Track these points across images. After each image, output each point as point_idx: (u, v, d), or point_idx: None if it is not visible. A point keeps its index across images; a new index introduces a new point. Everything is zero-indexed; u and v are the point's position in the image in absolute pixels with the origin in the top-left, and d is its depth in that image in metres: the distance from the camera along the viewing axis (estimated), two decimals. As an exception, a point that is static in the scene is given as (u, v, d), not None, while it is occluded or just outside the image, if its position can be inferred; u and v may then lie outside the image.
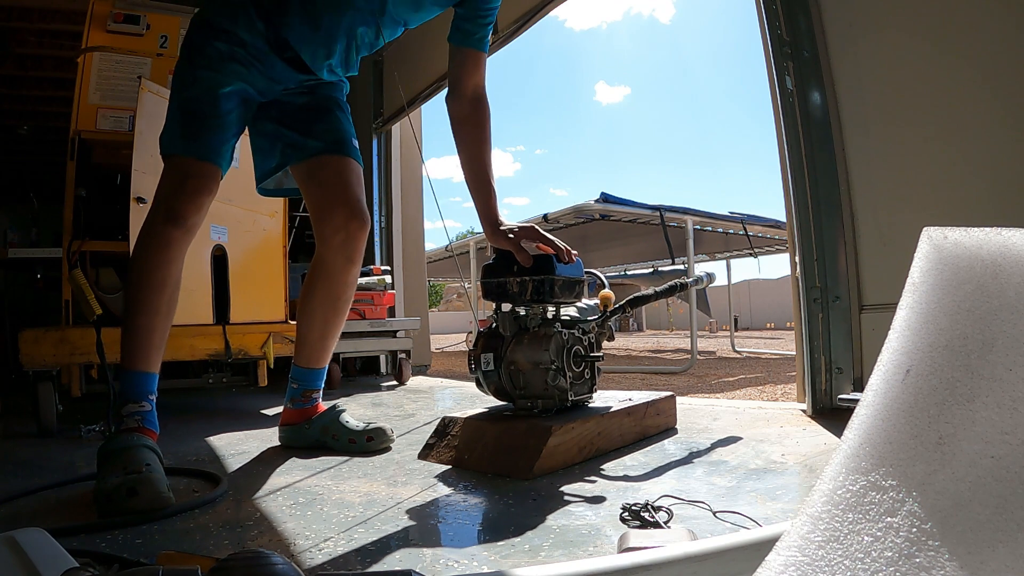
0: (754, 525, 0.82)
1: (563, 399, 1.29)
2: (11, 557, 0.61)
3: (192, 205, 1.25)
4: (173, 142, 1.28)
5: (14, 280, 4.44)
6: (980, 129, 1.40)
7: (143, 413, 1.21)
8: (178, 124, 1.29)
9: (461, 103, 1.43)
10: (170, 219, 1.23)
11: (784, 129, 1.68)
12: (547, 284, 1.29)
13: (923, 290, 0.46)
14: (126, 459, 1.07)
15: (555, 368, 1.26)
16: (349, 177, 1.47)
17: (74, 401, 2.19)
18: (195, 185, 1.25)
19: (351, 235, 1.45)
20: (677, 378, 3.69)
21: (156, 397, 1.25)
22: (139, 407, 1.21)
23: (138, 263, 1.24)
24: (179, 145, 1.28)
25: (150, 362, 1.23)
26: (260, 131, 1.48)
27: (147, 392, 1.23)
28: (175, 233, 1.24)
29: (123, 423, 1.18)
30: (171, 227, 1.23)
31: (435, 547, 0.83)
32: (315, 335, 1.52)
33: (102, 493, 1.00)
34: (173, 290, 1.26)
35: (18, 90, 4.16)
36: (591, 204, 4.22)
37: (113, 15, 2.43)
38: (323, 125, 1.46)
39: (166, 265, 1.24)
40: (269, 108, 1.44)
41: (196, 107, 1.28)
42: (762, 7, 1.71)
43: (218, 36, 1.29)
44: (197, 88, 1.28)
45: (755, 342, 8.69)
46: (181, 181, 1.25)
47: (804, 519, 0.43)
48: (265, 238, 2.37)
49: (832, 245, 1.65)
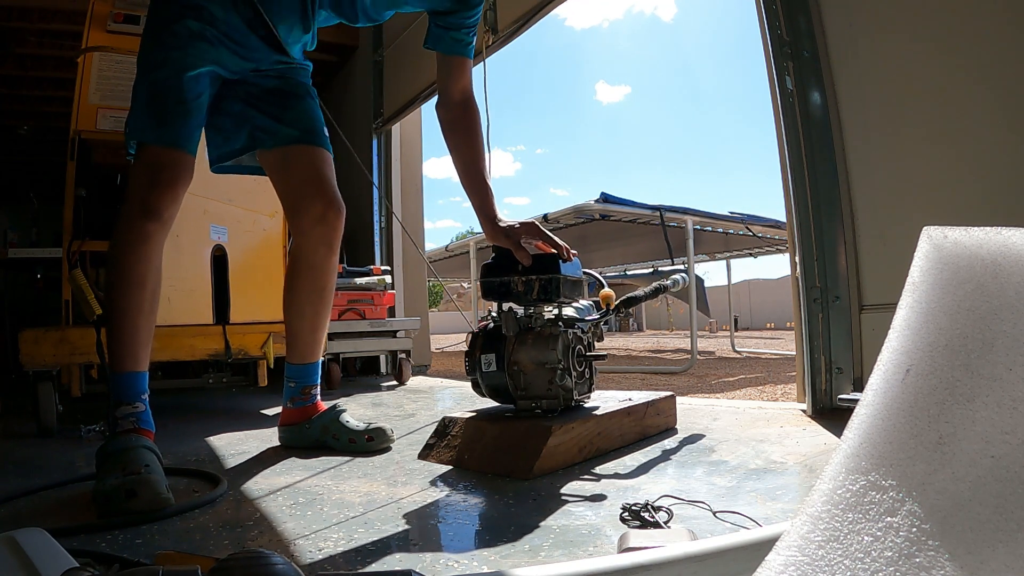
0: (754, 525, 0.82)
1: (567, 399, 1.29)
2: (11, 557, 0.61)
3: (168, 197, 1.22)
4: (142, 129, 1.23)
5: (14, 280, 4.44)
6: (980, 129, 1.40)
7: (137, 414, 1.20)
8: (147, 109, 1.23)
9: (450, 108, 1.43)
10: (146, 214, 1.20)
11: (784, 129, 1.68)
12: (554, 283, 1.29)
13: (923, 289, 0.46)
14: (125, 460, 1.07)
15: (561, 368, 1.26)
16: (324, 168, 1.47)
17: (74, 401, 2.19)
18: (170, 176, 1.22)
19: (331, 225, 1.46)
20: (677, 378, 3.69)
21: (148, 396, 1.25)
22: (133, 408, 1.20)
23: (117, 262, 1.21)
24: (149, 133, 1.23)
25: (138, 361, 1.22)
26: (225, 110, 1.42)
27: (139, 392, 1.22)
28: (152, 227, 1.21)
29: (118, 425, 1.18)
30: (148, 222, 1.20)
31: (435, 547, 0.83)
32: (306, 329, 1.52)
33: (101, 494, 1.00)
34: (155, 286, 1.24)
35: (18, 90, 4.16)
36: (591, 204, 4.22)
37: (113, 15, 2.43)
38: (295, 113, 1.45)
39: (145, 261, 1.21)
40: (235, 86, 1.39)
41: (165, 90, 1.23)
42: (762, 7, 1.71)
43: (187, 12, 1.23)
44: (166, 70, 1.23)
45: (755, 342, 8.69)
46: (155, 173, 1.22)
47: (804, 519, 0.43)
48: (265, 238, 2.36)
49: (832, 245, 1.64)
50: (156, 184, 1.21)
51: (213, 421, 2.00)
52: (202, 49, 1.25)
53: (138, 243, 1.21)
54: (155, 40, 1.25)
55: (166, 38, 1.24)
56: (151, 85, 1.24)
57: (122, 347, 1.21)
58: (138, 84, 1.26)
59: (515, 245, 1.31)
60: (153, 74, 1.24)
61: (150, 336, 1.25)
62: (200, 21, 1.24)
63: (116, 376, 1.21)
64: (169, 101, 1.23)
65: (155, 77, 1.24)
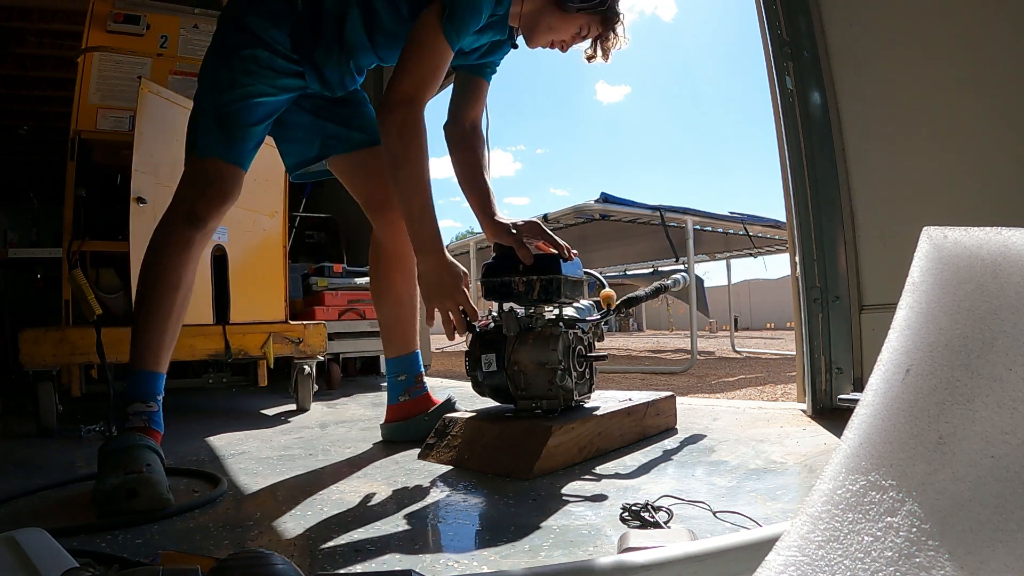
0: (754, 525, 0.82)
1: (568, 399, 1.28)
2: (11, 557, 0.61)
3: (216, 209, 1.26)
4: (208, 145, 1.28)
5: (14, 280, 4.44)
6: (980, 129, 1.40)
7: (150, 413, 1.21)
8: (213, 126, 1.28)
9: (457, 130, 1.49)
10: (192, 221, 1.24)
11: (784, 129, 1.68)
12: (555, 283, 1.29)
13: (923, 289, 0.46)
14: (127, 459, 1.07)
15: (562, 368, 1.26)
16: None
17: (74, 401, 2.19)
18: (222, 190, 1.26)
19: None
20: (677, 378, 3.68)
21: (163, 398, 1.26)
22: (147, 407, 1.21)
23: (154, 263, 1.24)
24: (214, 148, 1.27)
25: (160, 362, 1.24)
26: (295, 123, 1.50)
27: (156, 392, 1.23)
28: (195, 235, 1.25)
29: (128, 421, 1.18)
30: (193, 229, 1.24)
31: (435, 547, 0.83)
32: (406, 315, 1.56)
33: (101, 493, 1.00)
34: (186, 292, 1.26)
35: (18, 90, 4.16)
36: (591, 204, 4.22)
37: (113, 15, 2.43)
38: (360, 119, 1.53)
39: (183, 266, 1.24)
40: (301, 101, 1.46)
41: (233, 112, 1.28)
42: (762, 7, 1.70)
43: (258, 43, 1.28)
44: (235, 93, 1.27)
45: (755, 342, 8.69)
46: (207, 184, 1.25)
47: (804, 519, 0.43)
48: (265, 238, 2.36)
49: (832, 245, 1.64)
50: (207, 195, 1.25)
51: (213, 421, 2.00)
52: (271, 77, 1.30)
53: (179, 248, 1.24)
54: (224, 64, 1.29)
55: (235, 63, 1.28)
56: (220, 106, 1.28)
57: (147, 346, 1.23)
58: (203, 103, 1.30)
59: (518, 243, 1.31)
60: (223, 96, 1.28)
61: (174, 340, 1.27)
62: (271, 52, 1.28)
63: (135, 373, 1.22)
64: (235, 122, 1.28)
65: (225, 99, 1.28)
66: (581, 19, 1.35)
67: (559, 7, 1.32)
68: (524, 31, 1.37)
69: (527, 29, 1.37)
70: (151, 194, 1.92)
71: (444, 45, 1.21)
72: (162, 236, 1.25)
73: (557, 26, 1.35)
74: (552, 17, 1.34)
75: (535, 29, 1.36)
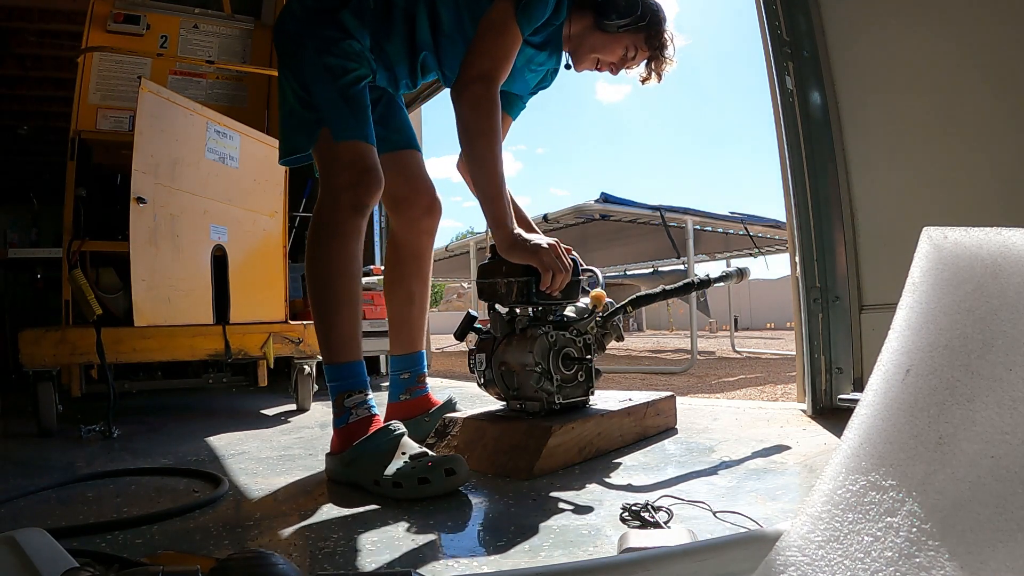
0: (754, 525, 0.82)
1: (550, 402, 1.28)
2: (11, 557, 0.61)
3: (375, 194, 1.26)
4: (349, 128, 1.26)
5: (14, 280, 4.44)
6: (980, 129, 1.40)
7: (369, 404, 1.22)
8: (345, 110, 1.26)
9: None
10: (360, 211, 1.24)
11: (784, 129, 1.68)
12: (532, 285, 1.26)
13: (923, 290, 0.46)
14: (408, 447, 1.12)
15: (540, 370, 1.26)
16: (424, 168, 1.61)
17: (74, 401, 2.19)
18: (378, 177, 1.27)
19: (435, 217, 1.57)
20: (677, 378, 3.68)
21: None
22: (364, 396, 1.22)
23: (335, 256, 1.24)
24: (356, 131, 1.26)
25: (360, 351, 1.26)
26: None
27: (366, 381, 1.26)
28: (362, 223, 1.26)
29: (351, 414, 1.20)
30: (360, 218, 1.25)
31: (435, 547, 0.83)
32: (416, 314, 1.57)
33: (404, 476, 1.04)
34: (361, 279, 1.29)
35: (18, 90, 4.15)
36: (591, 204, 4.22)
37: (113, 15, 2.43)
38: (397, 122, 1.55)
39: (359, 255, 1.26)
40: None
41: (356, 94, 1.28)
42: (762, 7, 1.70)
43: (350, 35, 1.29)
44: (348, 77, 1.28)
45: (755, 342, 8.69)
46: (364, 171, 1.25)
47: (804, 519, 0.43)
48: (265, 238, 2.36)
49: (832, 245, 1.64)
50: (367, 182, 1.25)
51: (213, 421, 2.00)
52: (367, 64, 1.32)
53: (352, 238, 1.24)
54: (328, 53, 1.28)
55: (337, 51, 1.28)
56: (343, 89, 1.27)
57: (350, 337, 1.24)
58: (326, 91, 1.27)
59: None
60: (342, 80, 1.27)
61: (362, 328, 1.30)
62: (361, 44, 1.31)
63: (343, 366, 1.23)
64: (362, 104, 1.29)
65: (344, 82, 1.27)
66: (626, 39, 1.39)
67: (600, 28, 1.37)
68: (572, 53, 1.43)
69: (573, 52, 1.42)
70: (151, 194, 1.92)
71: (517, 30, 1.26)
72: (334, 225, 1.24)
73: (600, 48, 1.41)
74: (594, 39, 1.40)
75: (579, 51, 1.42)
